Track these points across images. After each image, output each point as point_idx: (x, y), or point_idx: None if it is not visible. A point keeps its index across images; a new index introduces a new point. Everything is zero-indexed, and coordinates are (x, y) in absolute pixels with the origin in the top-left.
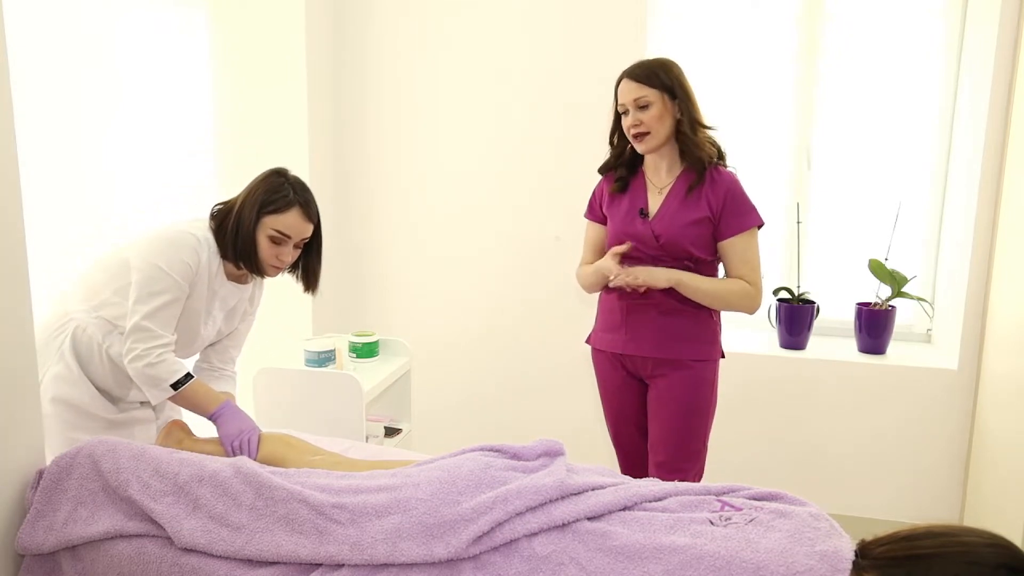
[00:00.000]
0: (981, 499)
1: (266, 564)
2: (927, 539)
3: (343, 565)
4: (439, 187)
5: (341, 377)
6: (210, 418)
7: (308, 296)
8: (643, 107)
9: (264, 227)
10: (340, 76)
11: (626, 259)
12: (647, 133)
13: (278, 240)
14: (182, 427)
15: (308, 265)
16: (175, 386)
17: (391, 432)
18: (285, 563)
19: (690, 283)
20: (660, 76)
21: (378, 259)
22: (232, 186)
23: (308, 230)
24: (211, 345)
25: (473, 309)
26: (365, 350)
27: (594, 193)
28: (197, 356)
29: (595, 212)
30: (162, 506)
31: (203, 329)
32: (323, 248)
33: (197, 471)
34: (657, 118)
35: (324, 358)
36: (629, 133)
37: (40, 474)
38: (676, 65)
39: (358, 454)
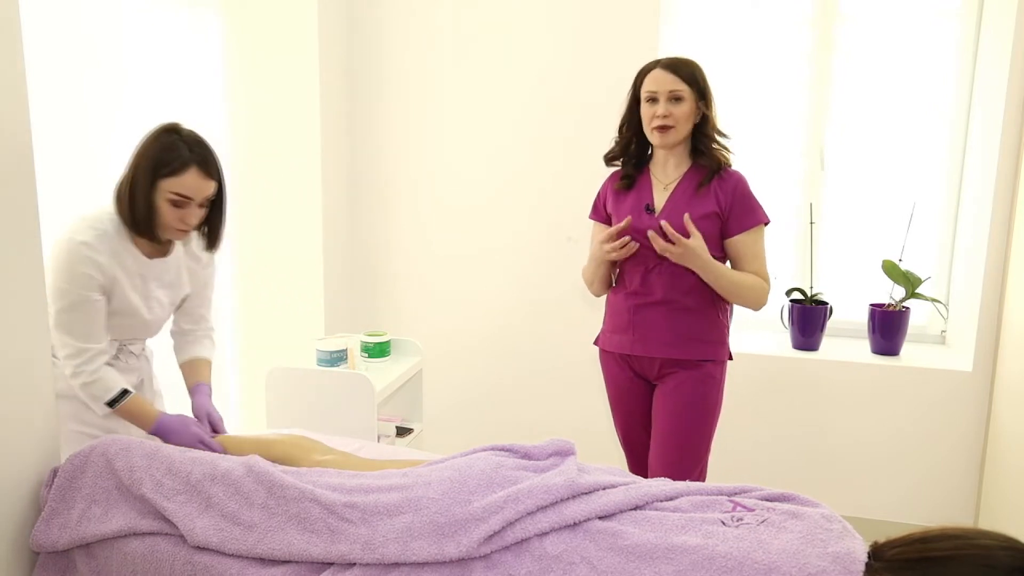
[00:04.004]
0: (996, 501)
1: (278, 563)
2: (941, 541)
3: (354, 564)
4: (452, 187)
5: (353, 377)
6: (152, 433)
7: (320, 296)
8: (676, 100)
9: (162, 192)
10: (353, 75)
11: (633, 255)
12: (672, 127)
13: (179, 203)
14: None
15: (211, 222)
16: (110, 404)
17: (403, 432)
18: (297, 562)
19: (716, 268)
20: (696, 74)
21: (390, 259)
22: (245, 185)
23: (211, 188)
24: (178, 310)
25: (485, 309)
26: (377, 350)
27: (598, 194)
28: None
29: (600, 213)
30: (175, 504)
31: (149, 314)
32: (226, 204)
33: (209, 470)
34: (686, 115)
35: (336, 358)
36: (652, 123)
37: (55, 472)
38: (703, 68)
39: (370, 454)
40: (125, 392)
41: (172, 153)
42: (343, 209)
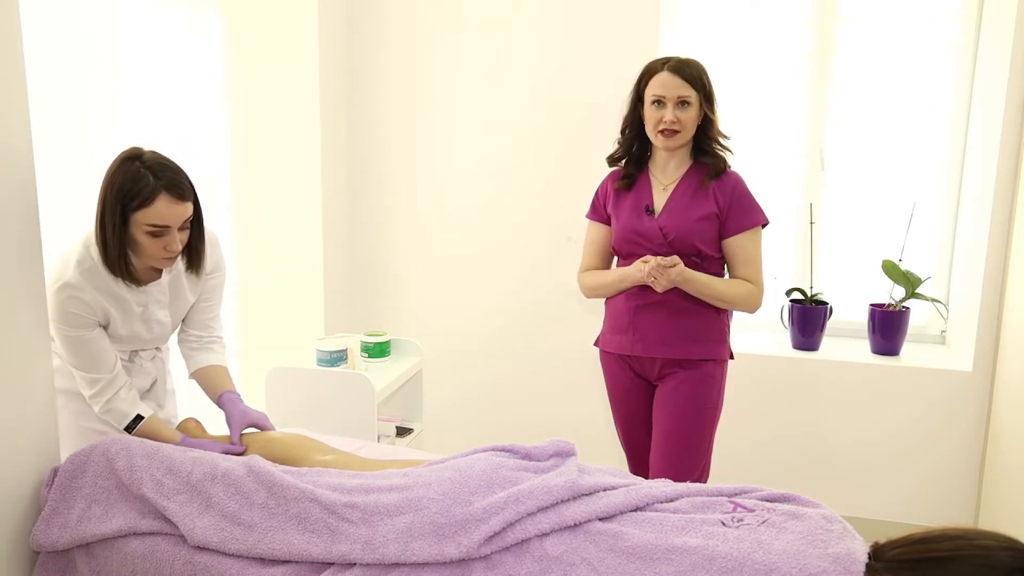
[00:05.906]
0: (996, 502)
1: (278, 563)
2: (942, 542)
3: (355, 564)
4: (452, 187)
5: (353, 377)
6: None
7: (320, 296)
8: (683, 104)
9: (137, 225)
10: (353, 75)
11: (632, 257)
12: (678, 132)
13: (158, 233)
14: (196, 424)
15: (189, 243)
16: (127, 429)
17: (403, 432)
18: (297, 562)
19: (696, 279)
20: (703, 78)
21: (391, 259)
22: (245, 186)
23: (187, 210)
24: (185, 319)
25: (485, 309)
26: (377, 350)
27: (597, 193)
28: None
29: (599, 212)
30: (175, 504)
31: (149, 334)
32: (203, 221)
33: (210, 469)
34: (693, 119)
35: (336, 358)
36: (658, 127)
37: (55, 472)
38: (706, 68)
39: (370, 454)
40: (139, 418)
41: (138, 183)
42: (343, 209)
